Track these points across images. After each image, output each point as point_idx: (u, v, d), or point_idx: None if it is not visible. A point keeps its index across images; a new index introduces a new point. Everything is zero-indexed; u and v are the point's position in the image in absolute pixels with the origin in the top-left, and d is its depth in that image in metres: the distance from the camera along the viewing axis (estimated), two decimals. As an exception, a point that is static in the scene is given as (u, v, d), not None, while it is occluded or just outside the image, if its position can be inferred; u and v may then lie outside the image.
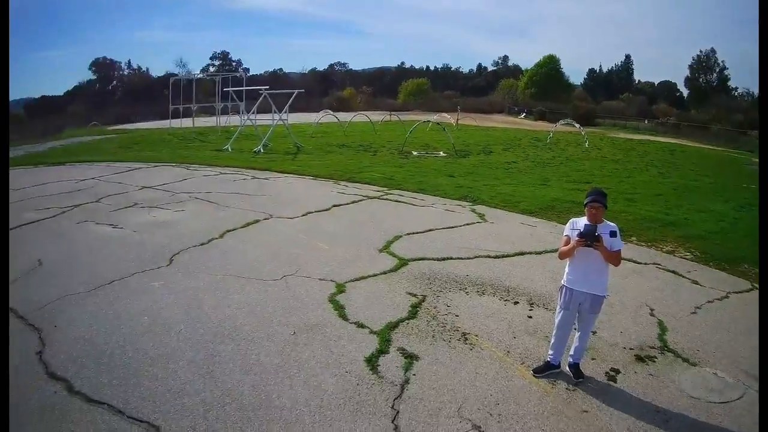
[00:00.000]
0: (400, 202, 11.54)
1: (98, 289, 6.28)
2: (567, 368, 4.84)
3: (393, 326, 5.53)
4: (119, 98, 69.86)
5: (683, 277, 7.63)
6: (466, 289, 6.71)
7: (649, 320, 6.09)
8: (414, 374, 4.71)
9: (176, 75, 45.77)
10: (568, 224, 4.78)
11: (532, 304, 6.28)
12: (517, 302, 6.33)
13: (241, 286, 6.46)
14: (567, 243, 4.66)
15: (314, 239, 8.21)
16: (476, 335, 5.48)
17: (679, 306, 6.53)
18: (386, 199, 11.71)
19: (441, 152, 21.73)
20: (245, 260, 7.34)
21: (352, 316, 5.70)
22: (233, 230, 8.58)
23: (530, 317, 5.93)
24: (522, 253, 8.15)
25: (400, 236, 8.73)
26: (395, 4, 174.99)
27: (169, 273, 6.87)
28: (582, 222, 4.64)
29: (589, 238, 4.41)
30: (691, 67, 75.69)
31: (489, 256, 7.96)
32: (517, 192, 13.21)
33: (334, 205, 10.58)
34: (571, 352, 4.85)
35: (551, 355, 4.87)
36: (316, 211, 9.81)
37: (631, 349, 5.38)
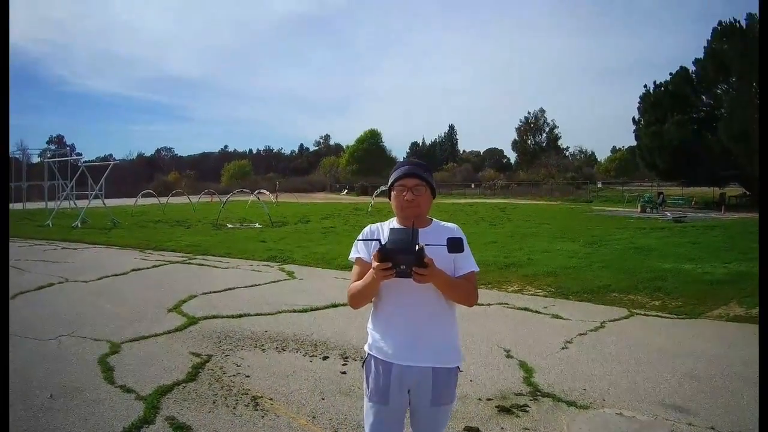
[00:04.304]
0: (203, 265, 10.62)
1: None
2: None
3: (165, 391, 4.17)
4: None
5: (540, 313, 6.72)
6: (263, 346, 5.33)
7: (507, 363, 4.95)
8: (183, 453, 3.28)
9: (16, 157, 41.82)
10: (362, 234, 2.31)
11: (347, 357, 5.05)
12: (327, 357, 5.08)
13: (12, 345, 5.21)
14: (361, 272, 2.20)
15: (102, 300, 7.41)
16: (270, 399, 4.10)
17: (543, 343, 5.47)
18: (189, 264, 10.84)
19: (257, 224, 20.79)
20: (24, 319, 6.39)
21: (120, 379, 4.44)
22: (25, 292, 7.84)
23: (344, 373, 4.67)
24: (335, 305, 6.99)
25: (195, 296, 7.63)
26: (218, 88, 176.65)
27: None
28: (389, 227, 2.25)
29: (400, 257, 1.90)
30: (518, 129, 71.49)
31: (294, 311, 6.72)
32: (333, 251, 12.21)
33: (133, 270, 9.83)
34: None
35: None
36: (113, 275, 9.16)
37: (489, 399, 4.08)
